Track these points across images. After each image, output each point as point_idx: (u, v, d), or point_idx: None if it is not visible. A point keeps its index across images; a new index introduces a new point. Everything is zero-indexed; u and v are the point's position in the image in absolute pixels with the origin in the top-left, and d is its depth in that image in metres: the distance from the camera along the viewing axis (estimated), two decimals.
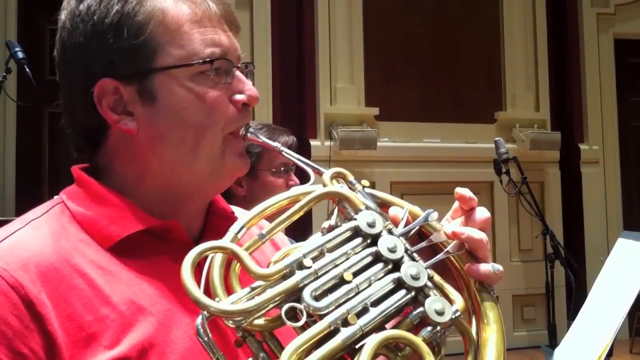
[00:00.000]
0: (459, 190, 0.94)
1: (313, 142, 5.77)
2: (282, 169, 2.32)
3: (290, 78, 5.89)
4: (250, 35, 5.71)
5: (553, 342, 3.35)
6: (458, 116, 6.20)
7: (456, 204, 0.97)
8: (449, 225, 0.94)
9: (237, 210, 1.12)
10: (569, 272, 3.14)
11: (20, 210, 1.05)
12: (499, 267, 0.91)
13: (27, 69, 3.32)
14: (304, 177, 1.01)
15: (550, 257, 3.23)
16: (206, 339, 0.79)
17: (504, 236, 6.28)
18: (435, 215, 0.91)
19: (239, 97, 1.01)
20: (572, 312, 2.13)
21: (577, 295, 2.05)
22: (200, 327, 0.80)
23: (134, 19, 0.96)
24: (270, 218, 0.92)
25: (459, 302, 0.85)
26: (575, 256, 4.94)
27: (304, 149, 5.68)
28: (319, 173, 0.98)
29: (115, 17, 0.96)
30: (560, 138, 6.39)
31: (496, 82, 6.47)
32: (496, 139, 3.52)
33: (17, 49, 3.38)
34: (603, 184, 6.67)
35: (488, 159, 4.22)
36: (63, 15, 1.01)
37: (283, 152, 1.07)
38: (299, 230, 1.33)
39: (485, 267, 0.90)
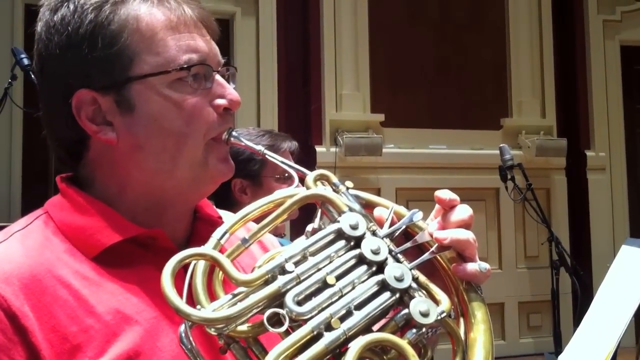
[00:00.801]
0: (438, 193, 0.93)
1: (318, 149, 5.76)
2: (285, 175, 2.32)
3: (296, 85, 5.89)
4: (256, 43, 5.72)
5: (558, 349, 3.34)
6: (464, 123, 6.19)
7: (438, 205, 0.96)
8: (431, 226, 0.93)
9: (225, 214, 1.11)
10: (574, 278, 3.12)
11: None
12: (486, 265, 0.90)
13: (33, 76, 3.34)
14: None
15: (555, 263, 3.21)
16: (189, 346, 0.79)
17: (509, 243, 6.26)
18: (420, 215, 0.91)
19: (219, 101, 1.00)
20: (578, 319, 2.12)
21: (582, 302, 2.04)
22: (183, 334, 0.79)
23: (108, 27, 0.95)
24: (257, 222, 0.92)
25: (444, 302, 0.85)
26: (581, 263, 4.91)
27: (309, 156, 5.68)
28: (302, 175, 0.97)
29: (89, 26, 0.95)
30: (566, 145, 6.37)
31: (502, 88, 6.46)
32: (501, 145, 3.52)
33: (23, 55, 3.40)
34: (609, 190, 6.64)
35: (494, 166, 4.20)
36: (39, 27, 1.00)
37: (266, 155, 1.06)
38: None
39: (472, 267, 0.89)
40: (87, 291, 0.90)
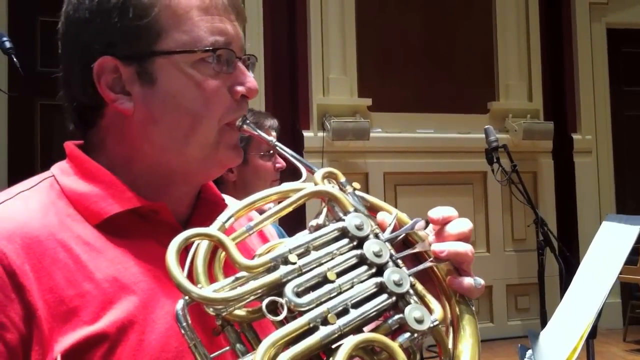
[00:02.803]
0: (430, 214, 0.93)
1: (306, 133, 5.76)
2: (269, 152, 2.34)
3: (283, 69, 5.88)
4: (243, 26, 5.69)
5: None
6: (451, 106, 6.20)
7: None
8: (431, 237, 0.94)
9: (227, 199, 1.12)
10: (558, 258, 3.14)
11: None
12: (481, 281, 0.91)
13: (15, 59, 3.30)
14: (295, 174, 1.01)
15: (540, 244, 3.23)
16: (184, 324, 0.79)
17: (497, 226, 6.30)
18: (422, 224, 0.92)
19: (239, 88, 1.00)
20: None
21: (567, 283, 2.06)
22: (180, 312, 0.79)
23: (141, 0, 0.95)
24: (260, 211, 0.93)
25: (437, 312, 0.86)
26: (568, 245, 4.95)
27: (296, 140, 5.68)
28: (311, 171, 0.98)
29: None
30: (553, 128, 6.41)
31: (489, 72, 6.47)
32: (486, 127, 3.52)
33: (5, 39, 3.35)
34: (596, 173, 6.69)
35: (481, 149, 4.20)
36: None
37: (278, 148, 1.07)
38: (291, 225, 1.33)
39: (468, 281, 0.91)
40: (87, 257, 0.91)
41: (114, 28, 0.96)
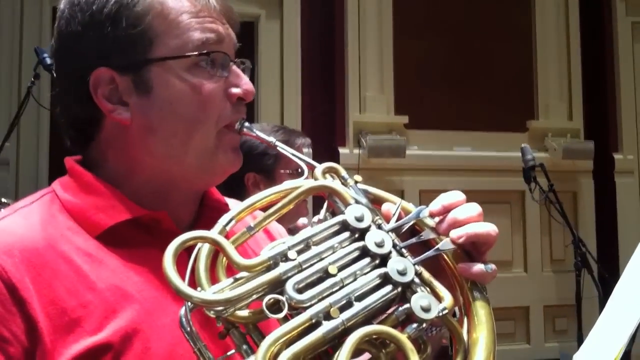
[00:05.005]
0: (431, 208, 0.92)
1: (342, 150, 5.76)
2: (298, 170, 2.34)
3: (320, 87, 5.89)
4: (280, 45, 5.73)
5: None
6: (489, 125, 6.13)
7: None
8: (443, 226, 0.91)
9: (232, 202, 1.12)
10: (596, 280, 3.08)
11: None
12: (492, 266, 0.89)
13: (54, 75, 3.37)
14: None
15: (578, 265, 3.17)
16: (188, 329, 0.79)
17: (535, 246, 6.19)
18: (427, 211, 0.90)
19: (234, 90, 1.01)
20: None
21: (604, 305, 2.01)
22: (183, 318, 0.80)
23: (133, 9, 0.96)
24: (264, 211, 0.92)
25: (447, 299, 0.84)
26: (608, 267, 4.83)
27: (333, 157, 5.67)
28: (312, 168, 0.98)
29: (114, 7, 0.96)
30: (593, 147, 6.29)
31: (528, 90, 6.39)
32: (522, 145, 3.49)
33: (45, 55, 3.43)
34: (638, 194, 6.54)
35: (519, 168, 4.16)
36: (62, 5, 1.02)
37: (278, 147, 1.07)
38: None
39: (478, 267, 0.88)
40: (88, 267, 0.91)
41: (108, 39, 0.97)
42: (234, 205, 1.09)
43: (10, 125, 3.93)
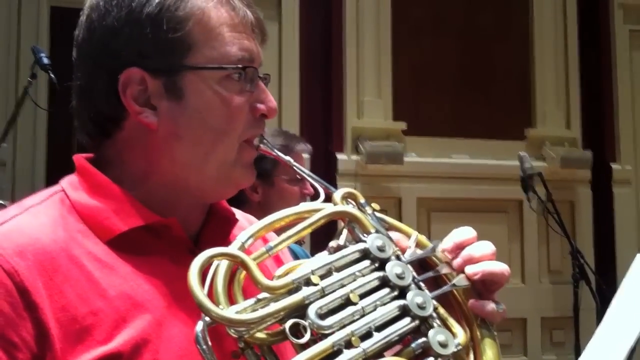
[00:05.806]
0: (444, 246, 0.92)
1: (339, 156, 5.74)
2: (297, 177, 2.34)
3: (317, 91, 5.89)
4: (279, 48, 5.72)
5: None
6: (487, 132, 6.13)
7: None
8: (457, 263, 0.91)
9: (238, 213, 1.12)
10: (594, 292, 3.06)
11: None
12: (503, 306, 0.91)
13: (52, 75, 3.35)
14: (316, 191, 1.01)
15: (575, 276, 3.16)
16: (204, 346, 0.78)
17: (533, 256, 6.17)
18: (440, 247, 0.92)
19: (260, 106, 1.01)
20: None
21: (602, 317, 2.00)
22: (199, 333, 0.78)
23: (175, 13, 0.95)
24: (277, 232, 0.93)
25: (460, 335, 0.85)
26: (606, 278, 4.82)
27: (330, 162, 5.66)
28: (329, 192, 0.98)
29: (157, 8, 0.95)
30: (591, 156, 6.28)
31: (526, 98, 6.39)
32: (520, 153, 3.47)
33: (42, 54, 3.42)
34: (635, 205, 6.53)
35: (517, 177, 4.15)
36: None
37: (295, 167, 1.07)
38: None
39: (491, 306, 0.90)
40: (99, 274, 0.89)
41: (146, 39, 0.95)
42: (239, 215, 1.09)
43: (7, 126, 3.91)
